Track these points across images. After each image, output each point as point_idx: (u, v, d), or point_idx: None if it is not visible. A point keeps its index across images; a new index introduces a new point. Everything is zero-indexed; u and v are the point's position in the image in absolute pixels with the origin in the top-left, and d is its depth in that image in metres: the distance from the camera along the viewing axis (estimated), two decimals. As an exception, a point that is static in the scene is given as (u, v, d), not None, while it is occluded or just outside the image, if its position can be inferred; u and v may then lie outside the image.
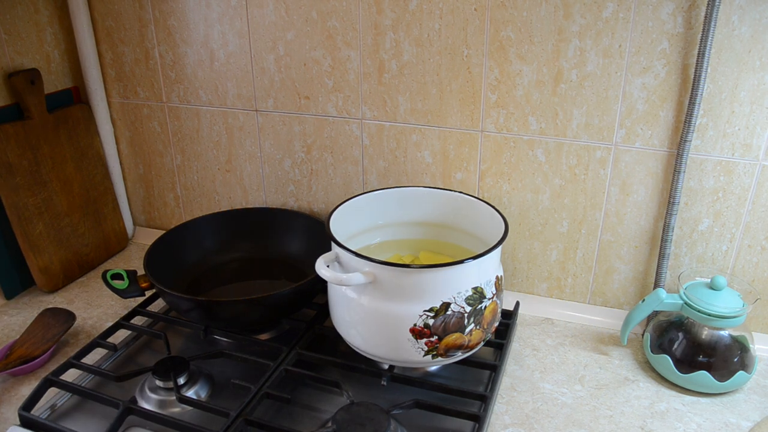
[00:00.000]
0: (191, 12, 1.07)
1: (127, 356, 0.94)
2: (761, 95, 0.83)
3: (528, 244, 1.02)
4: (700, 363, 0.84)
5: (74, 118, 1.14)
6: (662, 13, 0.83)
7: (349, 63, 1.01)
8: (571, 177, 0.96)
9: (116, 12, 1.12)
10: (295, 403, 0.83)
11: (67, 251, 1.13)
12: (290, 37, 1.03)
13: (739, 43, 0.81)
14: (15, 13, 1.05)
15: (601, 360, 0.92)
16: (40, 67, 1.10)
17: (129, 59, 1.16)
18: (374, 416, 0.74)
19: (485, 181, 1.01)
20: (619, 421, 0.80)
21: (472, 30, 0.92)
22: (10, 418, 0.80)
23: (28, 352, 0.91)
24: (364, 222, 0.96)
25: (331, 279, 0.76)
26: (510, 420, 0.81)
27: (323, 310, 0.94)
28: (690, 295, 0.85)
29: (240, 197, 1.21)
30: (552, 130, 0.94)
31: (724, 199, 0.89)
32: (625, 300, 1.01)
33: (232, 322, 0.94)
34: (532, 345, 0.96)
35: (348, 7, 0.97)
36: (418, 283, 0.75)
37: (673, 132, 0.88)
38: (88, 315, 1.04)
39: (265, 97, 1.09)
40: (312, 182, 1.13)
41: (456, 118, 0.98)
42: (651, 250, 0.96)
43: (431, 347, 0.78)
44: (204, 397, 0.84)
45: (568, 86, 0.90)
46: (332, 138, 1.08)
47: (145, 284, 0.95)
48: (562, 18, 0.87)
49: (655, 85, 0.86)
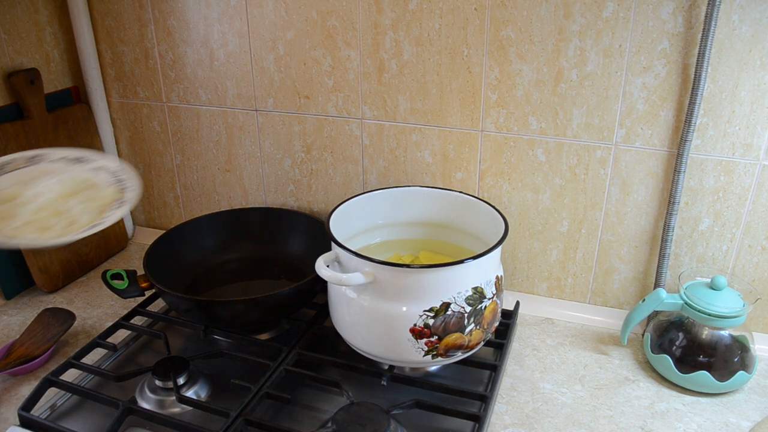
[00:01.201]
0: (191, 11, 1.07)
1: (127, 356, 0.94)
2: (762, 95, 0.83)
3: (528, 244, 1.02)
4: (700, 363, 0.84)
5: (74, 118, 1.14)
6: (663, 12, 0.83)
7: (349, 63, 1.01)
8: (572, 177, 0.95)
9: (116, 11, 1.12)
10: (295, 403, 0.83)
11: (67, 251, 1.13)
12: (290, 36, 1.03)
13: (739, 43, 0.81)
14: (15, 13, 1.05)
15: (602, 360, 0.92)
16: (40, 66, 1.10)
17: (129, 59, 1.16)
18: (374, 416, 0.74)
19: (485, 181, 1.01)
20: (619, 421, 0.80)
21: (472, 29, 0.92)
22: (10, 418, 0.80)
23: (28, 352, 0.91)
24: (364, 222, 0.96)
25: (331, 279, 0.76)
26: (510, 420, 0.81)
27: (323, 310, 0.94)
28: (690, 295, 0.85)
29: (240, 197, 1.21)
30: (552, 129, 0.94)
31: (725, 198, 0.89)
32: (626, 300, 1.01)
33: (232, 322, 0.94)
34: (532, 345, 0.96)
35: (348, 6, 0.97)
36: (418, 283, 0.75)
37: (674, 132, 0.88)
38: (88, 315, 1.04)
39: (265, 97, 1.09)
40: (312, 182, 1.13)
41: (456, 118, 0.98)
42: (651, 250, 0.96)
43: (431, 347, 0.78)
44: (204, 397, 0.84)
45: (569, 86, 0.90)
46: (332, 138, 1.08)
47: (144, 284, 0.95)
48: (562, 17, 0.87)
49: (655, 84, 0.86)
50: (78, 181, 0.88)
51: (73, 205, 0.83)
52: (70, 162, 0.87)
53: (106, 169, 0.89)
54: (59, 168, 0.88)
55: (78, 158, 0.87)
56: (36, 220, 0.80)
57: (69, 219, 0.81)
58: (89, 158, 0.88)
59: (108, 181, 0.87)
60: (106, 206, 0.84)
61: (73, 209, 0.82)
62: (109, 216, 0.82)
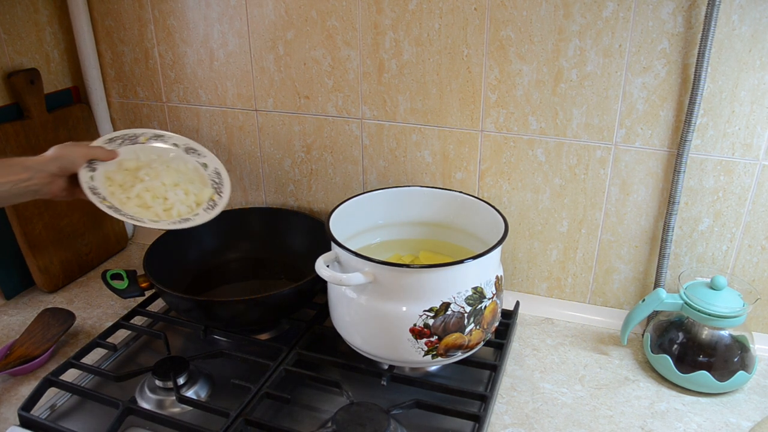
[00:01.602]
0: (191, 11, 1.07)
1: (127, 356, 0.94)
2: (762, 95, 0.83)
3: (528, 243, 1.02)
4: (700, 363, 0.84)
5: (74, 118, 1.14)
6: (662, 12, 0.83)
7: (348, 62, 1.01)
8: (571, 177, 0.95)
9: (116, 12, 1.12)
10: (295, 403, 0.83)
11: (67, 251, 1.13)
12: (290, 36, 1.03)
13: (739, 43, 0.81)
14: (15, 13, 1.05)
15: (601, 360, 0.92)
16: (40, 66, 1.10)
17: (128, 59, 1.16)
18: (374, 416, 0.74)
19: (485, 181, 1.01)
20: (619, 421, 0.80)
21: (472, 29, 0.92)
22: (10, 418, 0.80)
23: (28, 352, 0.91)
24: (364, 222, 0.96)
25: (331, 279, 0.76)
26: (510, 420, 0.81)
27: (323, 310, 0.94)
28: (690, 295, 0.85)
29: (240, 197, 1.21)
30: (552, 129, 0.94)
31: (725, 198, 0.89)
32: (625, 300, 1.01)
33: (232, 322, 0.94)
34: (532, 345, 0.96)
35: (348, 6, 0.97)
36: (418, 283, 0.75)
37: (674, 132, 0.88)
38: (88, 315, 1.04)
39: (264, 97, 1.09)
40: (312, 182, 1.13)
41: (456, 118, 0.98)
42: (651, 250, 0.96)
43: (431, 347, 0.78)
44: (204, 397, 0.84)
45: (568, 86, 0.90)
46: (332, 138, 1.08)
47: (144, 284, 0.95)
48: (562, 17, 0.87)
49: (655, 84, 0.86)
50: (188, 173, 0.93)
51: (174, 194, 0.88)
52: (185, 150, 0.91)
53: (210, 167, 0.94)
54: (177, 154, 0.93)
55: (193, 149, 0.92)
56: (142, 197, 0.86)
57: (167, 205, 0.87)
58: (201, 151, 0.92)
59: (209, 180, 0.93)
60: (200, 204, 0.90)
61: (173, 198, 0.88)
62: (199, 215, 0.88)
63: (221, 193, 0.93)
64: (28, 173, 0.78)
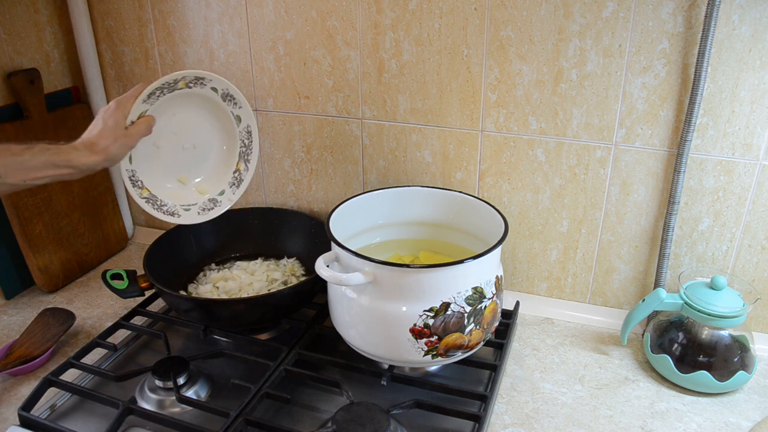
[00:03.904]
0: (191, 11, 1.07)
1: (127, 356, 0.94)
2: (762, 95, 0.83)
3: (528, 243, 1.02)
4: (700, 363, 0.84)
5: (74, 118, 1.14)
6: (662, 12, 0.83)
7: (348, 62, 1.01)
8: (571, 177, 0.95)
9: (116, 12, 1.12)
10: (295, 403, 0.83)
11: (66, 251, 1.13)
12: (290, 36, 1.03)
13: (739, 43, 0.81)
14: (14, 13, 1.05)
15: (601, 360, 0.92)
16: (40, 66, 1.10)
17: (128, 59, 1.16)
18: (374, 416, 0.74)
19: (485, 181, 1.01)
20: (619, 421, 0.80)
21: (472, 29, 0.92)
22: (10, 418, 0.80)
23: (28, 352, 0.91)
24: (364, 222, 0.96)
25: (331, 279, 0.76)
26: (510, 420, 0.81)
27: (323, 310, 0.94)
28: (690, 295, 0.85)
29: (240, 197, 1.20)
30: (552, 129, 0.94)
31: (725, 198, 0.89)
32: (625, 300, 1.01)
33: (232, 321, 0.94)
34: (532, 345, 0.96)
35: (348, 6, 0.97)
36: (418, 283, 0.75)
37: (674, 131, 0.88)
38: (88, 315, 1.04)
39: (264, 97, 1.09)
40: (312, 182, 1.13)
41: (456, 118, 0.98)
42: (651, 250, 0.96)
43: (431, 347, 0.78)
44: (204, 397, 0.84)
45: (568, 86, 0.90)
46: (332, 138, 1.08)
47: (144, 284, 0.95)
48: (562, 17, 0.87)
49: (655, 84, 0.86)
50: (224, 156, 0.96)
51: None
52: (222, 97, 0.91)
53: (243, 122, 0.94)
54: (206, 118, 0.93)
55: (231, 96, 0.92)
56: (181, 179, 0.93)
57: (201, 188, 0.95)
58: (239, 101, 0.92)
59: (237, 145, 0.95)
60: (227, 183, 0.96)
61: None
62: (225, 194, 0.96)
63: (250, 161, 0.96)
64: (71, 170, 0.74)
